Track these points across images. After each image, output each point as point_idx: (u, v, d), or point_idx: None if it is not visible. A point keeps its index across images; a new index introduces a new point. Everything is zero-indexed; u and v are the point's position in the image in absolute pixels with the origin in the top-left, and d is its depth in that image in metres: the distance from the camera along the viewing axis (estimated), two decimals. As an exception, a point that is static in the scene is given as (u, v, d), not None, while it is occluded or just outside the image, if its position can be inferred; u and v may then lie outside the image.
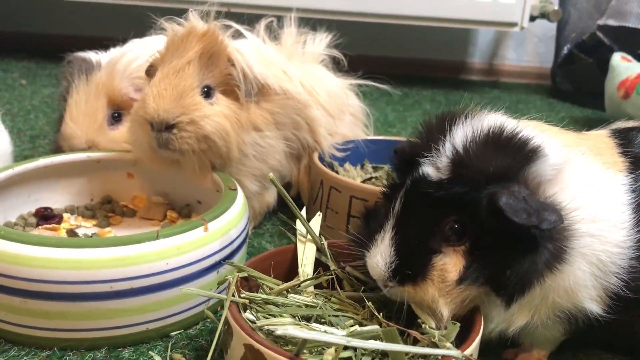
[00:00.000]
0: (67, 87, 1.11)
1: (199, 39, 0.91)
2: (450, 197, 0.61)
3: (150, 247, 0.74)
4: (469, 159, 0.62)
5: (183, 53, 0.90)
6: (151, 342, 0.77)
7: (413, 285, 0.63)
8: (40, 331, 0.73)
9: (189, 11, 0.95)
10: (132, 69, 1.08)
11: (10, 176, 0.91)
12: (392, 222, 0.65)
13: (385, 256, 0.64)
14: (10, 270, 0.71)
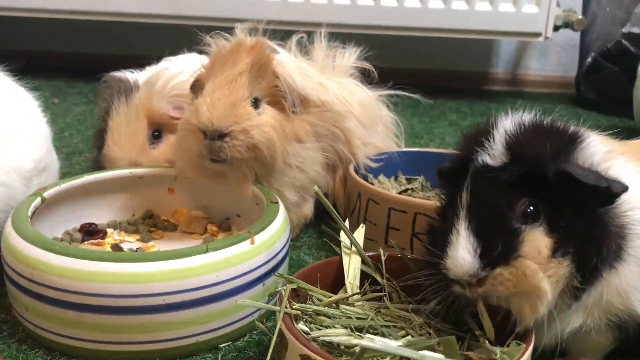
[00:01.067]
0: (106, 108, 1.13)
1: (248, 52, 0.94)
2: (515, 178, 0.62)
3: (200, 260, 0.75)
4: (523, 142, 0.64)
5: (234, 65, 0.93)
6: (201, 354, 0.78)
7: (506, 266, 0.60)
8: (94, 344, 0.75)
9: (236, 26, 0.98)
10: (170, 87, 1.10)
11: (57, 192, 0.94)
12: (463, 214, 0.63)
13: (467, 247, 0.61)
14: (65, 284, 0.73)
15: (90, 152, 1.16)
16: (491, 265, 0.61)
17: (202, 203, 1.08)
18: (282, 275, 0.73)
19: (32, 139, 0.97)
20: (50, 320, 0.75)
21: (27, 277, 0.75)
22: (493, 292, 0.62)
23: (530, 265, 0.60)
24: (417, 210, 0.94)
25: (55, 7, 2.01)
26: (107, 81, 1.17)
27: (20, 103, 0.98)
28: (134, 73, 1.20)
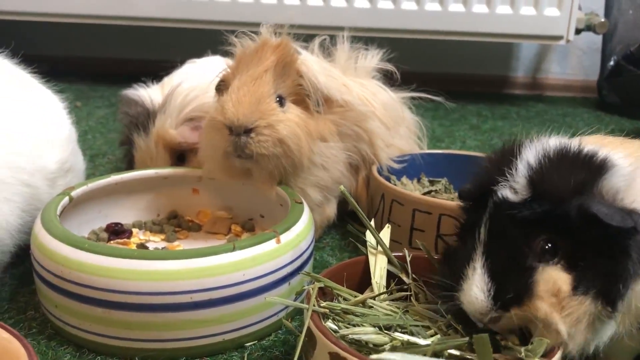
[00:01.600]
0: (127, 137, 1.15)
1: (273, 50, 0.94)
2: (535, 216, 0.61)
3: (227, 258, 0.76)
4: (546, 177, 0.62)
5: (259, 63, 0.94)
6: (227, 353, 0.78)
7: (519, 307, 0.61)
8: (122, 341, 0.75)
9: (261, 26, 0.98)
10: (186, 112, 1.10)
11: (85, 192, 0.95)
12: (480, 251, 0.63)
13: (481, 286, 0.61)
14: (94, 281, 0.73)
15: (114, 154, 1.18)
16: (504, 308, 0.61)
17: (226, 203, 1.08)
18: (310, 274, 0.73)
19: (57, 140, 0.98)
20: (79, 317, 0.76)
21: (56, 275, 0.76)
22: (508, 326, 0.62)
23: (543, 308, 0.60)
24: (442, 212, 0.94)
25: (78, 12, 2.04)
26: (124, 106, 1.17)
27: (45, 105, 1.00)
28: (148, 90, 1.19)
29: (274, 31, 0.99)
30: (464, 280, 0.63)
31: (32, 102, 0.95)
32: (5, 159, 0.83)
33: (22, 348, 0.59)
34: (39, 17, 2.07)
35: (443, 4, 1.93)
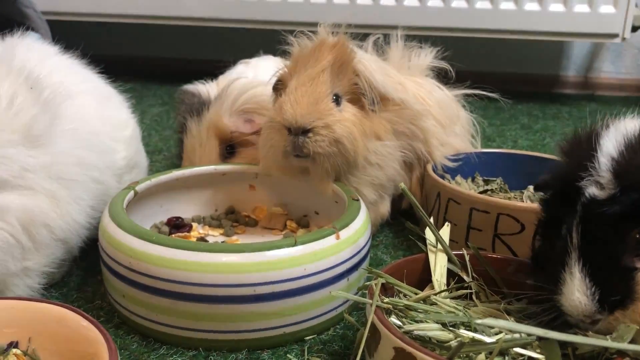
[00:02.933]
0: (181, 124, 1.17)
1: (330, 50, 0.95)
2: (626, 209, 0.60)
3: (289, 252, 0.77)
4: (631, 166, 0.61)
5: (316, 63, 0.95)
6: (287, 346, 0.80)
7: (623, 310, 0.60)
8: (187, 332, 0.78)
9: (319, 25, 1.00)
10: (239, 103, 1.13)
11: (148, 187, 0.98)
12: (575, 254, 0.62)
13: (583, 290, 0.61)
14: (161, 273, 0.76)
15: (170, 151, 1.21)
16: (609, 310, 0.60)
17: (282, 200, 1.10)
18: (372, 270, 0.74)
19: (124, 138, 1.02)
20: (146, 308, 0.78)
21: (125, 266, 0.79)
22: (607, 329, 0.61)
23: None
24: (500, 211, 0.93)
25: (130, 12, 2.10)
26: (181, 96, 1.21)
27: (113, 105, 1.04)
28: (206, 85, 1.23)
29: (331, 31, 1.00)
30: (563, 284, 0.62)
31: (101, 101, 0.99)
32: (77, 158, 0.86)
33: (101, 335, 0.61)
34: (92, 17, 2.14)
35: (494, 2, 1.90)
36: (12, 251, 0.78)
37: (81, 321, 0.64)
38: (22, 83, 0.83)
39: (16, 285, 0.81)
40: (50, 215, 0.81)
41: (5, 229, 0.76)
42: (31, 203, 0.79)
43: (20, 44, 0.93)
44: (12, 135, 0.78)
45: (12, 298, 0.70)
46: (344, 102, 0.97)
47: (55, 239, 0.84)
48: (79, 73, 0.99)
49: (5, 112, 0.78)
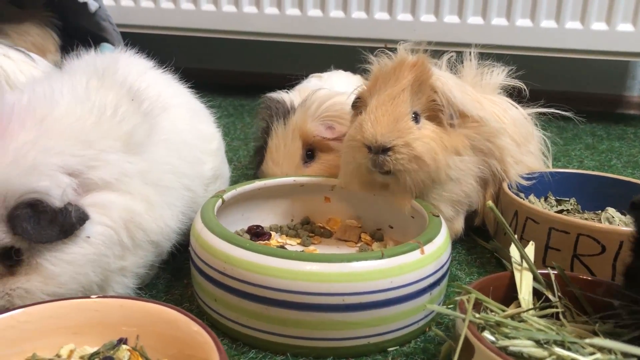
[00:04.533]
0: (265, 128, 1.22)
1: (410, 69, 0.98)
2: None
3: (377, 265, 0.79)
4: None
5: (396, 82, 0.97)
6: (371, 356, 0.82)
7: None
8: (276, 337, 0.80)
9: (399, 44, 1.02)
10: (323, 109, 1.17)
11: (233, 196, 1.02)
12: None
13: None
14: (254, 279, 0.79)
15: (240, 161, 1.26)
16: None
17: (356, 213, 1.12)
18: (462, 286, 0.75)
19: (211, 150, 1.07)
20: (237, 312, 0.82)
21: (219, 270, 0.82)
22: None
23: None
24: (580, 232, 0.93)
25: (196, 27, 2.18)
26: (266, 102, 1.26)
27: (202, 118, 1.09)
28: (288, 94, 1.28)
29: (410, 50, 1.03)
30: None
31: (191, 115, 1.04)
32: (171, 167, 0.91)
33: (212, 341, 0.63)
34: (159, 30, 2.23)
35: (560, 21, 1.90)
36: (113, 248, 0.82)
37: (192, 325, 0.66)
38: (125, 95, 0.88)
39: (117, 282, 0.86)
40: (146, 218, 0.86)
41: (108, 224, 0.81)
42: (130, 204, 0.84)
43: (121, 58, 0.99)
44: (115, 142, 0.83)
45: (122, 297, 0.73)
46: (422, 119, 0.99)
47: (148, 242, 0.88)
48: (172, 87, 1.04)
49: (110, 120, 0.84)
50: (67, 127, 0.78)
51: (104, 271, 0.82)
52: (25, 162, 0.72)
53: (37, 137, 0.74)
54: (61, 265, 0.77)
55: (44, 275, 0.76)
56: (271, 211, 1.12)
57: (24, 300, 0.75)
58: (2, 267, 0.76)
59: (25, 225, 0.73)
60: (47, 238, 0.75)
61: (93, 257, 0.79)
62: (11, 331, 0.67)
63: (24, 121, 0.75)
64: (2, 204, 0.73)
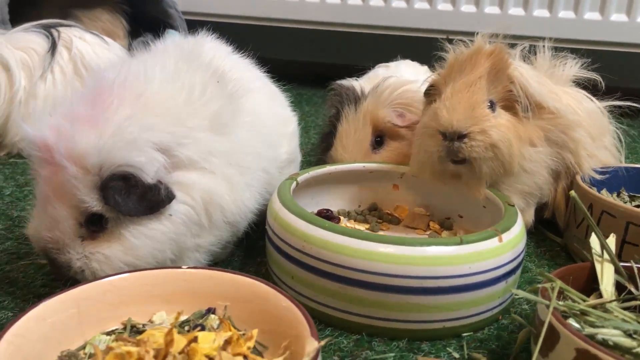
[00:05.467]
0: (335, 114, 1.23)
1: (487, 57, 0.97)
2: None
3: (457, 250, 0.80)
4: None
5: (473, 70, 0.97)
6: (445, 340, 0.83)
7: None
8: (353, 316, 0.82)
9: (476, 34, 1.02)
10: (394, 96, 1.18)
11: (306, 179, 1.04)
12: None
13: None
14: (334, 258, 0.81)
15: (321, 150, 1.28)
16: None
17: (424, 201, 1.13)
18: (545, 274, 0.75)
19: (287, 134, 1.09)
20: (314, 290, 0.84)
21: (297, 249, 0.84)
22: None
23: None
24: (660, 227, 0.92)
25: (255, 15, 2.21)
26: (336, 89, 1.28)
27: (279, 102, 1.11)
28: (358, 81, 1.29)
29: (488, 39, 1.02)
30: None
31: (270, 98, 1.06)
32: (252, 149, 0.93)
33: (304, 318, 0.65)
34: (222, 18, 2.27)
35: (631, 15, 1.85)
36: (191, 227, 0.86)
37: (282, 300, 0.68)
38: (210, 76, 0.91)
39: (189, 258, 0.89)
40: (226, 199, 0.88)
41: (190, 204, 0.84)
42: (212, 185, 0.86)
43: (205, 42, 1.01)
44: (202, 121, 0.86)
45: (212, 268, 0.76)
46: (498, 108, 0.99)
47: (225, 222, 0.91)
48: (250, 71, 1.07)
49: (198, 99, 0.87)
50: (160, 104, 0.81)
51: (179, 248, 0.85)
52: (124, 136, 0.76)
53: (135, 113, 0.78)
54: (142, 239, 0.81)
55: (125, 246, 0.80)
56: (339, 196, 1.13)
57: (101, 265, 0.80)
58: (86, 231, 0.80)
59: (117, 198, 0.77)
60: (135, 212, 0.79)
61: (172, 235, 0.83)
62: (109, 295, 0.71)
63: (123, 97, 0.79)
64: (98, 172, 0.77)
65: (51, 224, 0.79)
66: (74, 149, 0.75)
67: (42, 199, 0.80)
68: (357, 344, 0.81)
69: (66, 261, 0.80)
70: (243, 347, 0.63)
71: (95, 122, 0.76)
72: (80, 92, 0.83)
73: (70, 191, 0.76)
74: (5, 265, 0.96)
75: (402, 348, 0.81)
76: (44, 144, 0.76)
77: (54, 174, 0.77)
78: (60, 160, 0.75)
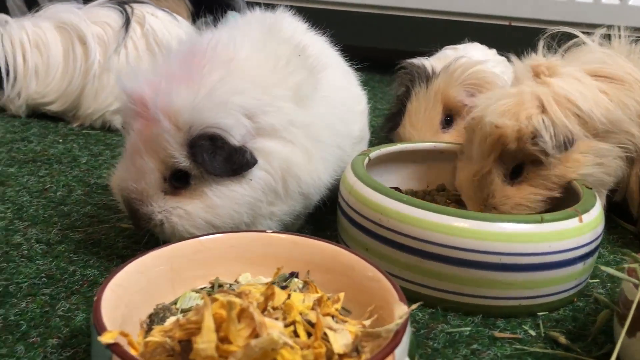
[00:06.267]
0: (405, 92, 1.24)
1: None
2: None
3: (537, 228, 0.80)
4: None
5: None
6: (520, 318, 0.83)
7: None
8: (429, 290, 0.83)
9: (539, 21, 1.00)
10: (466, 75, 1.18)
11: (377, 156, 1.05)
12: None
13: None
14: (411, 231, 0.82)
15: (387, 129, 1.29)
16: None
17: (493, 183, 1.12)
18: (630, 254, 0.74)
19: (359, 111, 1.10)
20: (389, 262, 0.85)
21: (374, 222, 0.85)
22: None
23: None
24: None
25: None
26: (406, 67, 1.28)
27: (351, 79, 1.12)
28: (429, 60, 1.29)
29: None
30: None
31: (344, 75, 1.08)
32: (329, 123, 0.95)
33: (391, 286, 0.66)
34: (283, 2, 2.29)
35: None
36: (268, 195, 0.88)
37: (368, 270, 0.69)
38: (292, 49, 0.93)
39: (262, 225, 0.91)
40: (303, 170, 0.90)
41: (269, 171, 0.86)
42: (291, 154, 0.88)
43: (284, 18, 1.03)
44: (286, 91, 0.88)
45: (296, 234, 0.78)
46: None
47: (300, 193, 0.93)
48: (326, 48, 1.08)
49: (283, 70, 0.88)
50: (249, 71, 0.84)
51: (254, 214, 0.88)
52: (216, 98, 0.79)
53: (226, 77, 0.81)
54: (223, 199, 0.83)
55: (206, 204, 0.83)
56: (407, 175, 1.14)
57: (181, 220, 0.83)
58: (169, 186, 0.83)
59: (205, 156, 0.80)
60: (220, 172, 0.82)
61: (250, 199, 0.85)
62: (199, 255, 0.74)
63: (215, 61, 0.82)
64: (188, 130, 0.80)
65: (138, 175, 0.82)
66: (170, 105, 0.78)
67: (131, 151, 0.84)
68: (432, 317, 0.82)
69: (148, 213, 0.83)
70: (331, 308, 0.64)
71: (191, 82, 0.79)
72: (174, 54, 0.86)
73: (160, 145, 0.80)
74: (88, 227, 1.01)
75: (477, 323, 0.81)
76: (140, 98, 0.80)
77: (146, 128, 0.81)
78: (155, 114, 0.78)
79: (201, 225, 0.81)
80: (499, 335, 0.79)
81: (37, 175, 1.20)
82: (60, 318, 0.76)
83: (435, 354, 0.74)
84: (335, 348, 0.55)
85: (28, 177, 1.19)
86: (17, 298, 0.80)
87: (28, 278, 0.84)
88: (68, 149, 1.37)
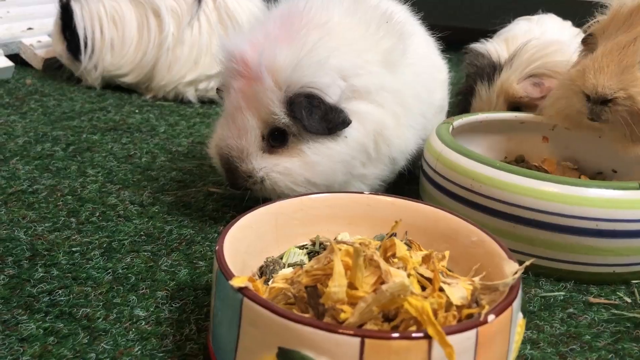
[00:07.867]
0: (470, 86, 1.24)
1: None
2: None
3: (634, 195, 0.79)
4: None
5: (629, 29, 0.93)
6: (613, 285, 0.82)
7: None
8: (520, 255, 0.83)
9: None
10: (532, 67, 1.17)
11: (459, 124, 1.05)
12: None
13: None
14: (505, 196, 0.82)
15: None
16: None
17: (573, 155, 1.11)
18: None
19: (441, 81, 1.11)
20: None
21: (466, 187, 0.86)
22: None
23: None
24: None
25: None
26: (470, 58, 1.27)
27: (433, 49, 1.12)
28: (494, 44, 1.27)
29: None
30: None
31: (427, 44, 1.08)
32: (415, 91, 0.95)
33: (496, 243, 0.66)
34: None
35: None
36: (361, 155, 0.90)
37: (472, 235, 0.69)
38: (380, 16, 0.93)
39: (354, 187, 0.93)
40: (393, 133, 0.91)
41: (362, 132, 0.88)
42: (382, 117, 0.90)
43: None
44: (376, 56, 0.89)
45: (394, 196, 0.79)
46: None
47: (389, 157, 0.94)
48: (409, 17, 1.08)
49: (373, 35, 0.90)
50: (342, 33, 0.86)
51: (348, 174, 0.89)
52: (314, 57, 0.81)
53: (322, 38, 0.82)
54: (320, 156, 0.86)
55: (305, 161, 0.85)
56: (486, 146, 1.14)
57: (282, 176, 0.86)
58: (266, 145, 0.86)
59: (303, 113, 0.82)
60: (317, 129, 0.84)
61: (346, 157, 0.87)
62: (300, 214, 0.76)
63: (311, 23, 0.84)
64: (286, 89, 0.82)
65: (239, 133, 0.85)
66: (273, 63, 0.80)
67: (232, 109, 0.86)
68: (524, 282, 0.82)
69: (248, 170, 0.86)
70: (438, 264, 0.65)
71: (292, 42, 0.81)
72: (271, 16, 0.88)
73: (262, 102, 0.82)
74: (177, 191, 1.04)
75: (570, 289, 0.82)
76: (242, 57, 0.82)
77: (247, 86, 0.83)
78: (258, 72, 0.80)
79: (301, 182, 0.84)
80: (594, 301, 0.79)
81: (120, 142, 1.25)
82: (165, 272, 0.80)
83: (532, 316, 0.75)
84: (453, 300, 0.57)
85: (112, 144, 1.24)
86: (121, 254, 0.84)
87: (128, 236, 0.88)
88: (145, 118, 1.41)
